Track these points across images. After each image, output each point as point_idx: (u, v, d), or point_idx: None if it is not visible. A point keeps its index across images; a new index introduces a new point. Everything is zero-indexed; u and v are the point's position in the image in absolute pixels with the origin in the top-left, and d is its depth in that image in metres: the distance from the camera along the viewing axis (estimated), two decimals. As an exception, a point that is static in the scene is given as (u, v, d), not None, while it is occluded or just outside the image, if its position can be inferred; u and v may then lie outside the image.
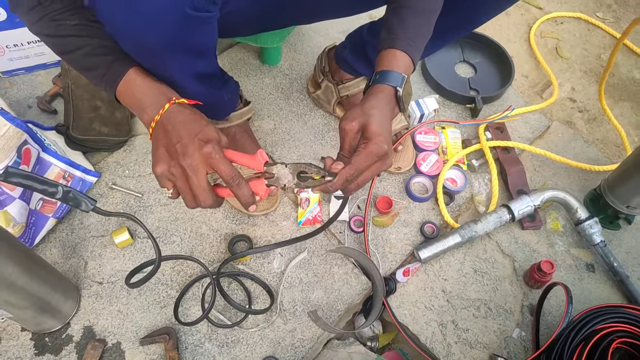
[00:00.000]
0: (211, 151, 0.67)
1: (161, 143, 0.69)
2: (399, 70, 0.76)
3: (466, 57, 1.43)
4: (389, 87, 0.76)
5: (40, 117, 1.16)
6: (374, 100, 0.75)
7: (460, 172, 1.17)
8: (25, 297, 0.79)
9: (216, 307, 0.97)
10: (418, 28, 0.78)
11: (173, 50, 0.67)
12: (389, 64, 0.76)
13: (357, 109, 0.74)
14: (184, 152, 0.67)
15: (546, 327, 0.99)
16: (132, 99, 0.71)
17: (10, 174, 0.67)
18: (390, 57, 0.76)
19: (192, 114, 0.70)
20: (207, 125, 0.70)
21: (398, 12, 0.78)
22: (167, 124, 0.69)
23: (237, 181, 0.70)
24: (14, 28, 1.12)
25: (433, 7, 0.80)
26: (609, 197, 1.08)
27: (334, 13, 1.04)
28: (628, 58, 1.58)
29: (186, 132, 0.67)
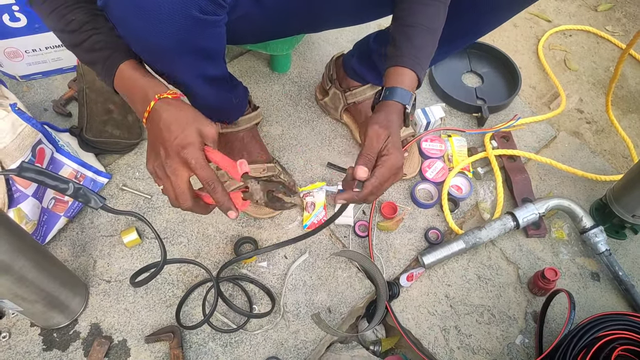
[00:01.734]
0: (187, 157, 0.67)
1: (150, 140, 0.72)
2: (407, 88, 0.78)
3: (473, 67, 1.44)
4: (399, 105, 0.78)
5: (55, 120, 1.20)
6: (390, 114, 0.77)
7: (465, 179, 1.18)
8: (35, 292, 0.81)
9: (219, 309, 0.98)
10: (424, 46, 0.81)
11: (181, 53, 0.69)
12: (398, 81, 0.79)
13: (381, 117, 0.77)
14: (166, 155, 0.68)
15: (549, 335, 0.98)
16: (126, 94, 0.73)
17: (24, 169, 0.69)
18: (399, 74, 0.79)
19: (176, 111, 0.69)
20: (188, 125, 0.68)
21: (405, 31, 0.80)
22: (154, 123, 0.70)
23: (212, 185, 0.69)
24: (32, 34, 1.16)
25: (437, 26, 0.83)
26: (615, 207, 1.08)
27: (341, 22, 1.06)
28: (637, 71, 1.58)
29: (168, 133, 0.68)
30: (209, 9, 0.64)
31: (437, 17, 0.82)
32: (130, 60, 0.72)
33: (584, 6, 1.78)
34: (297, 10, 0.90)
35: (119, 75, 0.72)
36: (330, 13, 0.96)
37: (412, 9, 0.81)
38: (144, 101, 0.71)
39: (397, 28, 0.82)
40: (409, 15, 0.81)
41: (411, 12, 0.80)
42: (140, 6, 0.61)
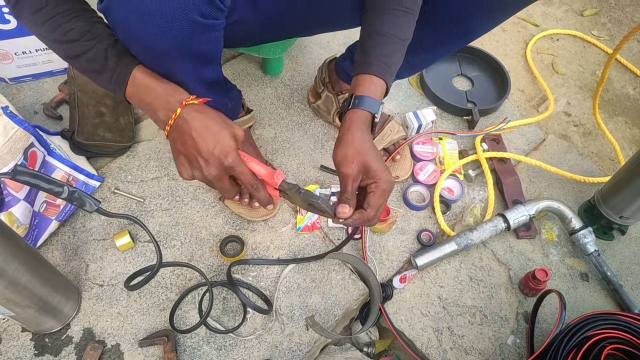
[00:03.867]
0: (231, 165, 0.71)
1: (180, 150, 0.72)
2: (376, 96, 0.79)
3: (463, 70, 1.46)
4: (368, 114, 0.78)
5: (45, 123, 1.19)
6: (358, 131, 0.77)
7: (457, 181, 1.20)
8: (27, 296, 0.81)
9: (213, 314, 0.98)
10: (392, 55, 0.80)
11: (181, 56, 0.70)
12: (367, 90, 0.78)
13: (349, 148, 0.76)
14: (207, 164, 0.71)
15: (540, 335, 1.00)
16: (142, 102, 0.72)
17: (18, 172, 0.68)
18: (368, 82, 0.79)
19: (205, 118, 0.71)
20: (221, 131, 0.70)
21: (373, 37, 0.80)
22: (182, 131, 0.70)
23: (255, 186, 0.76)
24: (22, 36, 1.15)
25: (406, 37, 0.82)
26: (603, 208, 1.10)
27: (335, 25, 1.07)
28: (622, 74, 1.62)
29: (203, 142, 0.69)
30: (209, 13, 0.65)
31: (406, 28, 0.82)
32: (140, 65, 0.71)
33: (570, 11, 1.81)
34: (291, 14, 0.90)
35: (133, 83, 0.71)
36: (324, 17, 0.97)
37: (382, 18, 0.80)
38: (166, 109, 0.70)
39: (366, 36, 0.82)
40: (378, 24, 0.80)
41: (381, 21, 0.80)
42: (142, 10, 0.62)
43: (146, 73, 0.71)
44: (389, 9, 0.80)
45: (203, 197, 1.12)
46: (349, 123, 0.77)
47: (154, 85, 0.71)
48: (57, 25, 0.68)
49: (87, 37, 0.69)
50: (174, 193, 1.11)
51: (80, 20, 0.69)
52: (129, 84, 0.71)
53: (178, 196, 1.11)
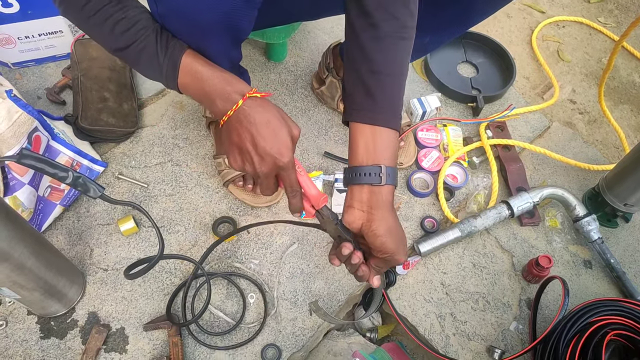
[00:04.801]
0: (284, 166, 0.70)
1: (235, 141, 0.70)
2: (394, 161, 0.73)
3: (468, 57, 1.45)
4: (392, 188, 0.72)
5: (49, 108, 1.18)
6: (396, 219, 0.72)
7: (461, 168, 1.19)
8: (33, 279, 0.81)
9: (215, 303, 0.98)
10: (399, 97, 0.75)
11: (224, 32, 0.69)
12: (393, 156, 0.72)
13: (397, 241, 0.71)
14: (261, 161, 0.69)
15: (543, 321, 1.00)
16: (198, 91, 0.70)
17: (24, 155, 0.68)
18: (392, 143, 0.72)
19: (266, 113, 0.69)
20: (280, 129, 0.69)
21: (379, 79, 0.72)
22: (241, 124, 0.68)
23: (294, 192, 0.73)
24: (25, 20, 1.14)
25: (405, 72, 0.75)
26: (607, 195, 1.10)
27: (338, 9, 1.06)
28: (628, 62, 1.60)
29: (261, 139, 0.68)
30: None
31: (407, 58, 0.75)
32: (188, 51, 0.69)
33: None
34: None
35: (185, 71, 0.69)
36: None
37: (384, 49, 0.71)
38: (225, 99, 0.68)
39: (369, 75, 0.72)
40: (381, 59, 0.71)
41: (385, 53, 0.71)
42: None
43: (197, 59, 0.69)
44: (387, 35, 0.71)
45: (207, 183, 1.12)
46: (386, 204, 0.71)
47: (210, 74, 0.69)
48: (107, 16, 0.66)
49: (136, 28, 0.67)
50: (177, 179, 1.12)
51: (129, 10, 0.67)
52: (180, 73, 0.69)
53: (182, 182, 1.11)
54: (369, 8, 0.70)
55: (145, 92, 1.24)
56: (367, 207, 0.71)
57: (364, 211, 0.71)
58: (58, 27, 1.19)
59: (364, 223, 0.71)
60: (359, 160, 0.72)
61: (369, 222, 0.70)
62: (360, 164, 0.71)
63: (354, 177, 0.72)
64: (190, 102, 1.24)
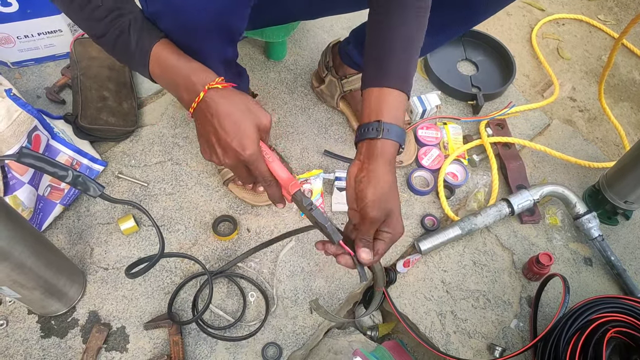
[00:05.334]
0: (248, 160, 0.68)
1: (202, 133, 0.70)
2: (402, 121, 0.73)
3: (468, 55, 1.45)
4: (397, 145, 0.71)
5: (48, 107, 1.18)
6: (389, 170, 0.71)
7: (461, 166, 1.19)
8: (33, 278, 0.81)
9: (215, 302, 0.98)
10: (408, 65, 0.75)
11: (215, 30, 0.69)
12: (394, 115, 0.72)
13: (381, 190, 0.69)
14: (224, 154, 0.69)
15: (544, 319, 1.00)
16: (166, 81, 0.69)
17: (24, 154, 0.68)
18: (392, 101, 0.72)
19: (229, 104, 0.67)
20: (243, 120, 0.67)
21: (390, 50, 0.73)
22: (204, 116, 0.68)
23: (268, 182, 0.72)
24: (24, 19, 1.14)
25: (418, 44, 0.77)
26: (608, 193, 1.10)
27: (336, 9, 1.06)
28: (628, 59, 1.60)
29: (223, 132, 0.67)
30: None
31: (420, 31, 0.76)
32: (162, 41, 0.68)
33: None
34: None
35: (155, 59, 0.68)
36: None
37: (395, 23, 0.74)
38: (190, 90, 0.67)
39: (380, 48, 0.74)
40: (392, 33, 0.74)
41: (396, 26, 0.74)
42: None
43: (168, 49, 0.68)
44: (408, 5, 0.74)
45: (207, 182, 1.12)
46: (380, 157, 0.70)
47: (178, 64, 0.68)
48: (86, 2, 0.66)
49: (113, 16, 0.66)
50: (177, 177, 1.11)
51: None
52: (151, 62, 0.68)
53: (182, 180, 1.11)
54: None
55: (145, 91, 1.24)
56: (364, 157, 0.71)
57: (360, 161, 0.71)
58: (57, 26, 1.19)
59: (357, 173, 0.71)
60: (362, 120, 0.73)
61: (361, 170, 0.70)
62: (362, 123, 0.73)
63: (357, 136, 0.73)
64: (190, 101, 1.24)
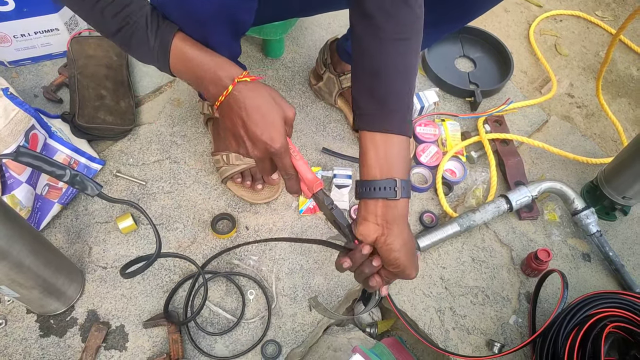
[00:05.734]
0: (276, 152, 0.69)
1: (229, 127, 0.70)
2: (407, 171, 0.71)
3: (466, 52, 1.45)
4: (407, 201, 0.71)
5: (46, 106, 1.18)
6: (410, 231, 0.72)
7: (459, 163, 1.19)
8: (31, 277, 0.81)
9: (214, 300, 0.98)
10: (406, 100, 0.72)
11: (221, 23, 0.68)
12: (407, 167, 0.71)
13: (410, 254, 0.70)
14: (253, 146, 0.69)
15: (542, 314, 1.00)
16: (190, 75, 0.69)
17: (21, 153, 0.68)
18: (405, 152, 0.70)
19: (258, 98, 0.68)
20: (272, 113, 0.68)
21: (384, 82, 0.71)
22: (232, 109, 0.68)
23: (289, 176, 0.73)
24: (21, 18, 1.13)
25: (412, 72, 0.73)
26: (606, 189, 1.10)
27: (334, 5, 1.06)
28: (626, 55, 1.60)
29: (253, 125, 0.67)
30: None
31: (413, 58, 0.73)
32: (179, 33, 0.68)
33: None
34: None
35: (176, 55, 0.68)
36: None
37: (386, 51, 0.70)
38: (217, 84, 0.68)
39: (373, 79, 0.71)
40: (384, 61, 0.71)
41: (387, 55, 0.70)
42: None
43: (188, 43, 0.68)
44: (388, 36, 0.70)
45: (205, 180, 1.11)
46: (401, 218, 0.70)
47: (201, 58, 0.68)
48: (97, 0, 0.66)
49: (126, 12, 0.66)
50: (175, 176, 1.11)
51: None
52: (171, 57, 0.68)
53: (180, 179, 1.11)
54: (369, 10, 0.69)
55: (142, 90, 1.24)
56: (382, 221, 0.69)
57: (378, 224, 0.69)
58: (54, 25, 1.19)
59: (379, 237, 0.70)
60: (372, 174, 0.70)
61: (384, 236, 0.69)
62: (373, 178, 0.69)
63: (367, 192, 0.70)
64: (187, 99, 1.24)
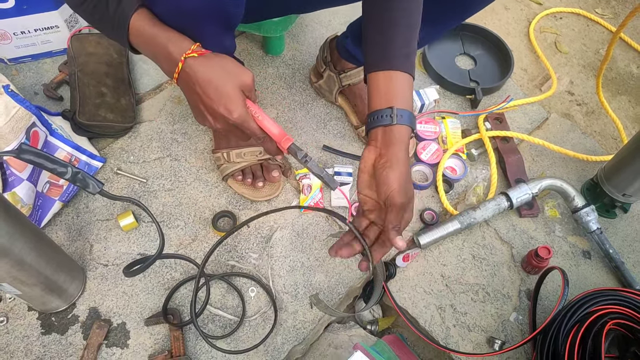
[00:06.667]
0: (236, 121, 0.70)
1: (189, 100, 0.72)
2: (411, 104, 0.74)
3: (466, 49, 1.45)
4: (409, 129, 0.73)
5: (46, 104, 1.18)
6: (406, 154, 0.72)
7: (459, 161, 1.19)
8: (33, 275, 0.81)
9: (215, 303, 0.97)
10: (410, 44, 0.75)
11: (208, 16, 0.68)
12: (405, 99, 0.73)
13: (404, 175, 0.70)
14: (214, 120, 0.71)
15: (543, 312, 1.00)
16: (146, 52, 0.70)
17: (23, 150, 0.68)
18: (402, 85, 0.73)
19: (208, 70, 0.68)
20: (225, 83, 0.68)
21: (389, 31, 0.74)
22: (187, 84, 0.69)
23: (261, 139, 0.75)
24: (21, 15, 1.13)
25: (415, 22, 0.77)
26: (606, 186, 1.10)
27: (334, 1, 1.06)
28: (626, 53, 1.60)
29: (208, 99, 0.68)
30: None
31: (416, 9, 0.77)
32: (140, 10, 0.68)
33: (574, -11, 1.79)
34: None
35: (133, 32, 0.68)
36: None
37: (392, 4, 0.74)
38: (169, 61, 0.69)
39: (379, 29, 0.75)
40: (390, 13, 0.75)
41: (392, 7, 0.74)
42: None
43: (146, 19, 0.68)
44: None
45: (206, 178, 1.11)
46: (398, 142, 0.71)
47: (155, 33, 0.68)
48: None
49: None
50: (176, 173, 1.11)
51: None
52: (130, 33, 0.68)
53: (181, 176, 1.11)
54: None
55: (143, 87, 1.24)
56: (381, 144, 0.72)
57: (377, 147, 0.72)
58: (54, 22, 1.18)
59: (377, 157, 0.72)
60: (372, 106, 0.74)
61: (380, 157, 0.71)
62: (373, 109, 0.73)
63: (370, 123, 0.73)
64: (188, 96, 1.23)
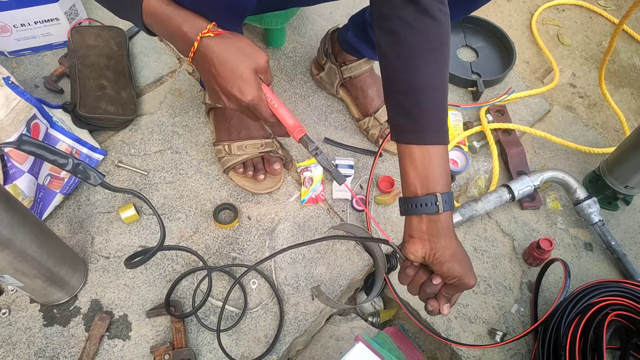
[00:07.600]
0: (250, 104, 0.69)
1: (205, 79, 0.71)
2: (448, 183, 0.71)
3: (468, 41, 1.44)
4: (450, 213, 0.70)
5: (47, 97, 1.18)
6: (459, 242, 0.71)
7: (461, 153, 1.19)
8: (35, 266, 0.81)
9: (217, 296, 0.97)
10: (440, 110, 0.71)
11: (220, 5, 0.68)
12: (447, 178, 0.71)
13: (464, 264, 0.70)
14: (229, 101, 0.70)
15: (544, 303, 1.00)
16: (161, 32, 0.70)
17: (24, 142, 0.68)
18: (443, 163, 0.70)
19: (224, 51, 0.67)
20: (240, 65, 0.67)
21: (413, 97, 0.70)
22: (202, 64, 0.69)
23: (272, 122, 0.74)
24: (21, 7, 1.13)
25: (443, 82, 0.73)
26: (608, 178, 1.10)
27: None
28: (629, 45, 1.59)
29: (222, 80, 0.68)
30: None
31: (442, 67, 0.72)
32: None
33: (576, -20, 1.77)
34: None
35: (147, 10, 0.67)
36: None
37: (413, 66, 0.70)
38: (184, 40, 0.68)
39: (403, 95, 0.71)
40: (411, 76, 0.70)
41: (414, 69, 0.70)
42: None
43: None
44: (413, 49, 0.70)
45: (207, 170, 1.11)
46: (447, 230, 0.69)
47: (169, 13, 0.67)
48: None
49: None
50: (177, 166, 1.11)
51: None
52: (143, 13, 0.68)
53: (182, 169, 1.11)
54: (394, 27, 0.69)
55: (144, 80, 1.24)
56: (428, 236, 0.69)
57: (425, 240, 0.69)
58: (54, 14, 1.18)
59: (428, 252, 0.70)
60: (413, 191, 0.70)
61: (432, 250, 0.69)
62: (414, 195, 0.70)
63: (410, 209, 0.70)
64: (188, 89, 1.23)
